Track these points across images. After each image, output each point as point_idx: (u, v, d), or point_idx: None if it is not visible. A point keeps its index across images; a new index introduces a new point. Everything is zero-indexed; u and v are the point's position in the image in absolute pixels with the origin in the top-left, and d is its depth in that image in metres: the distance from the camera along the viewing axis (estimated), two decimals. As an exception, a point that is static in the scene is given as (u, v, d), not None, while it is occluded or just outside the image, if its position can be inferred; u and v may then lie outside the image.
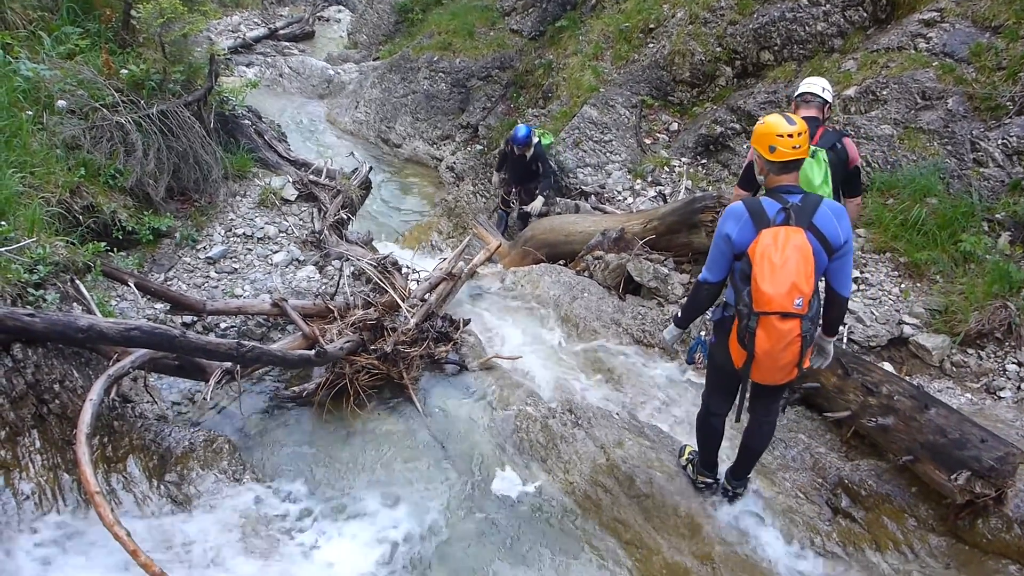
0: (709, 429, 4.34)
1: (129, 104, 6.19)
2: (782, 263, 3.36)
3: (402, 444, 4.75)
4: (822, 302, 3.72)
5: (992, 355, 5.81)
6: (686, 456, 4.68)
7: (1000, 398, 5.50)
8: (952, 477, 4.06)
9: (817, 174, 4.85)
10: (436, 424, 4.96)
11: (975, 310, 5.88)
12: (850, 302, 5.59)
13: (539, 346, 6.07)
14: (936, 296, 6.25)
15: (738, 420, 3.95)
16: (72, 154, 5.74)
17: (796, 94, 5.28)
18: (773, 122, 3.60)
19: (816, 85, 5.19)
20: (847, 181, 5.11)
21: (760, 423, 4.19)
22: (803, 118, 4.77)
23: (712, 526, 4.27)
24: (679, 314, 4.15)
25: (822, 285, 3.72)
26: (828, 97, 5.17)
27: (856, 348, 6.02)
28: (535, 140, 9.35)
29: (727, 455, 4.56)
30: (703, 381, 5.23)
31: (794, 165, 3.63)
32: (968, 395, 5.59)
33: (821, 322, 3.83)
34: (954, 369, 5.83)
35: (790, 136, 3.53)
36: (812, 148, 4.81)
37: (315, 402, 4.94)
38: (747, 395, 3.84)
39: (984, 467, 3.97)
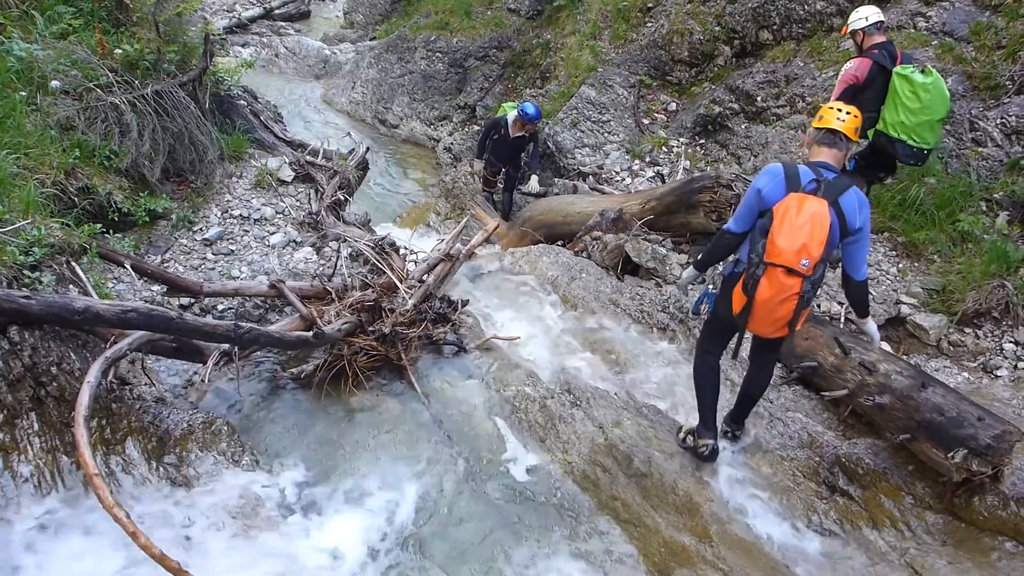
0: (705, 368, 4.51)
1: (123, 84, 6.14)
2: (800, 225, 3.64)
3: (400, 425, 4.76)
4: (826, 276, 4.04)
5: (989, 334, 5.83)
6: (684, 432, 4.74)
7: (997, 377, 5.52)
8: (949, 455, 4.07)
9: (942, 82, 5.50)
10: (434, 405, 4.97)
11: (972, 290, 5.89)
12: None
13: (537, 327, 6.07)
14: (934, 276, 6.26)
15: (735, 357, 4.36)
16: (66, 135, 5.70)
17: (867, 24, 5.79)
18: (833, 103, 4.19)
19: (879, 13, 5.79)
20: None
21: (760, 369, 4.55)
22: (881, 43, 5.69)
23: (710, 504, 4.28)
24: (699, 257, 4.47)
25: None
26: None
27: (854, 327, 6.03)
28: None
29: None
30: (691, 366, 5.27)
31: (834, 140, 3.91)
32: (965, 374, 5.60)
33: (851, 307, 4.33)
34: (951, 348, 5.85)
35: (839, 110, 3.93)
36: (920, 67, 5.58)
37: (313, 384, 4.94)
38: (743, 338, 4.15)
39: (981, 445, 3.99)
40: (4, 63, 5.56)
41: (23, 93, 5.52)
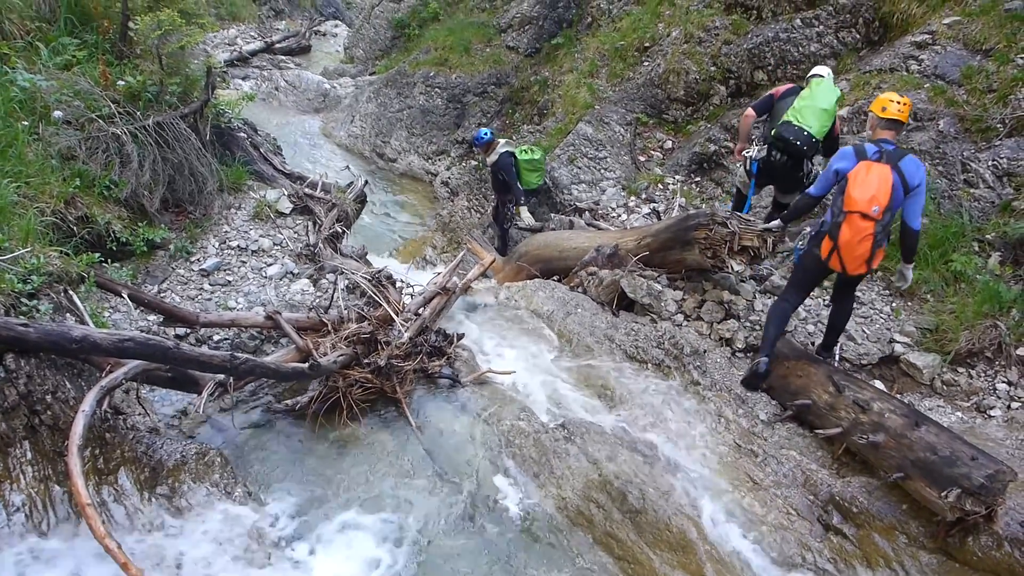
0: (778, 311, 5.68)
1: (125, 115, 6.21)
2: (869, 181, 4.84)
3: (395, 458, 4.74)
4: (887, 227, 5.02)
5: (982, 374, 5.85)
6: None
7: (990, 416, 5.53)
8: (943, 494, 4.08)
9: (831, 84, 6.62)
10: (429, 439, 4.95)
11: (965, 329, 5.92)
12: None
13: (532, 361, 6.07)
14: (927, 315, 6.30)
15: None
16: (67, 165, 5.75)
17: (810, 75, 6.89)
18: (889, 94, 5.17)
19: (824, 69, 6.91)
20: (832, 143, 6.64)
21: (842, 306, 5.76)
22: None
23: (704, 542, 4.27)
24: (785, 212, 6.05)
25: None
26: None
27: (848, 366, 6.05)
28: (499, 148, 9.58)
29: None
30: (686, 403, 5.28)
31: (894, 125, 5.10)
32: (958, 413, 5.62)
33: (901, 252, 5.41)
34: (945, 387, 5.86)
35: (898, 103, 5.04)
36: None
37: (308, 415, 4.92)
38: (825, 277, 5.71)
39: (974, 485, 3.99)
40: (8, 93, 5.62)
41: (26, 123, 5.58)
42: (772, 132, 6.65)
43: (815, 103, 6.47)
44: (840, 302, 5.76)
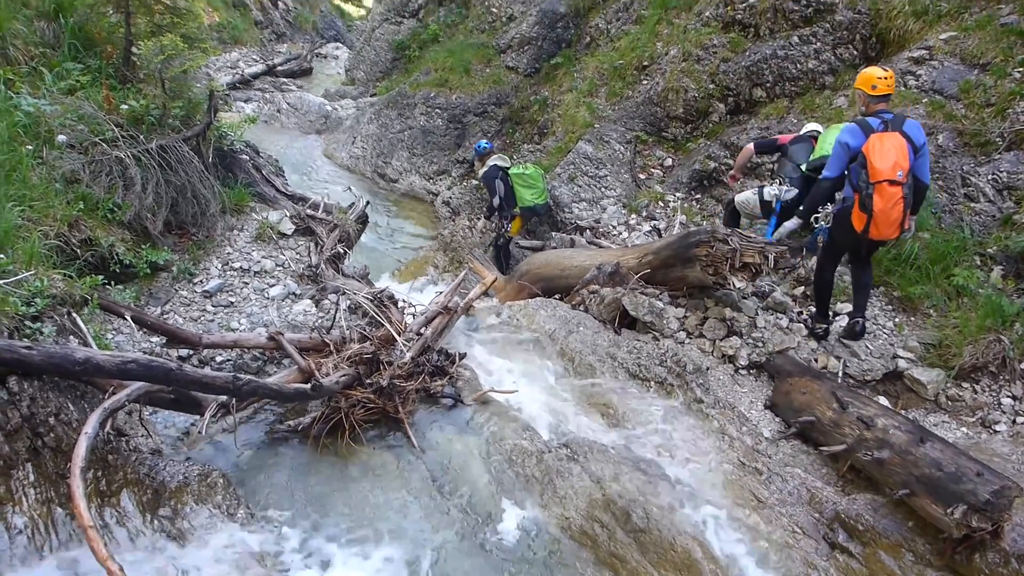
0: (822, 280, 6.24)
1: (128, 139, 6.24)
2: (887, 150, 5.20)
3: (397, 478, 4.72)
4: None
5: (987, 389, 5.83)
6: (805, 315, 6.69)
7: (995, 432, 5.51)
8: (948, 511, 4.05)
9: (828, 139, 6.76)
10: (431, 458, 4.94)
11: (969, 344, 5.91)
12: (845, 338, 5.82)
13: (535, 380, 6.06)
14: (930, 330, 6.29)
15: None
16: (71, 188, 5.77)
17: (808, 132, 7.50)
18: (873, 70, 5.58)
19: (815, 125, 7.55)
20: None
21: (863, 271, 6.04)
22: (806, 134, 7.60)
23: (709, 561, 4.24)
24: (801, 208, 6.30)
25: None
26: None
27: (851, 382, 6.04)
28: (490, 161, 9.75)
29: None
30: (689, 421, 5.27)
31: (885, 98, 5.50)
32: (963, 429, 5.59)
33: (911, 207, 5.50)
34: (949, 403, 5.85)
35: (885, 78, 5.46)
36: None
37: (310, 436, 4.91)
38: (870, 250, 5.90)
39: (980, 501, 3.97)
40: (12, 118, 5.65)
41: (30, 147, 5.60)
42: (808, 166, 7.03)
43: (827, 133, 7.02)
44: (860, 265, 6.05)
